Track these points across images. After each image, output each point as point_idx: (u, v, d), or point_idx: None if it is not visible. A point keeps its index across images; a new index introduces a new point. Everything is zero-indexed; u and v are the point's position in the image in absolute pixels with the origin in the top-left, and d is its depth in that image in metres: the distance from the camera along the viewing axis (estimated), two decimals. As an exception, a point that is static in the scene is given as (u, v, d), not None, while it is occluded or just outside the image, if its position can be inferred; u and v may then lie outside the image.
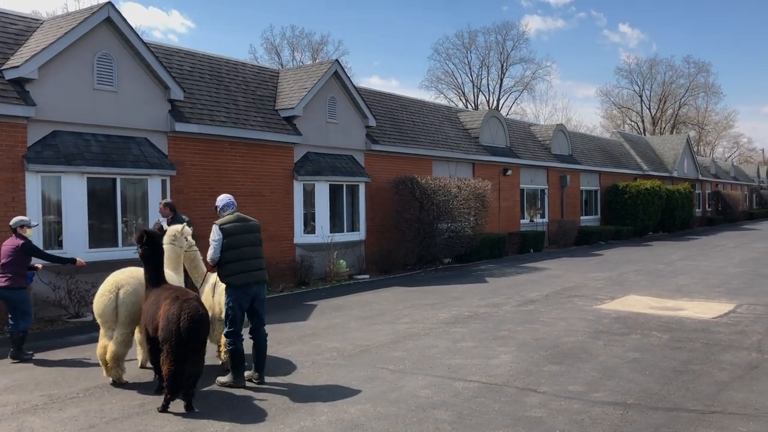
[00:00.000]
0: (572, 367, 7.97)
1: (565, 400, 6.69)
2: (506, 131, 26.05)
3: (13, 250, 8.75)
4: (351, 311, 12.13)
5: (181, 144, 13.92)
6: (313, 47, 58.45)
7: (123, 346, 7.32)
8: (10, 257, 8.73)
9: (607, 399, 6.71)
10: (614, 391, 6.98)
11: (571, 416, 6.20)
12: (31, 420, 6.25)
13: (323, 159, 17.22)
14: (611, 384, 7.22)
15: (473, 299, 13.38)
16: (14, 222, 9.04)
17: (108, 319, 7.36)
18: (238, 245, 7.26)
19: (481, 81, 63.74)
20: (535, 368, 7.91)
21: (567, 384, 7.23)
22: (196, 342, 6.31)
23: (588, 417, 6.17)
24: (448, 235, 19.26)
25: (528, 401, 6.65)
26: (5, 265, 8.70)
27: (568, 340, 9.41)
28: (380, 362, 8.27)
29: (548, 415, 6.22)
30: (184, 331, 6.23)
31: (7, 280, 8.66)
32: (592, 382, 7.29)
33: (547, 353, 8.67)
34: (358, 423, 6.04)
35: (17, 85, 11.34)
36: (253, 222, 7.64)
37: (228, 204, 7.73)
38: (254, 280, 7.34)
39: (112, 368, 7.31)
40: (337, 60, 18.08)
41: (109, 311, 7.32)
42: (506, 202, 25.33)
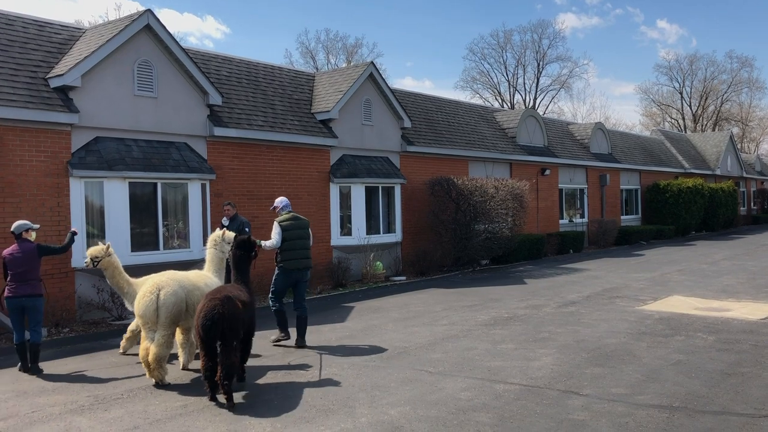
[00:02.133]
0: (615, 369, 7.82)
1: (609, 402, 6.56)
2: (544, 130, 25.77)
3: (30, 256, 8.39)
4: (388, 313, 12.12)
5: (220, 148, 14.09)
6: (348, 50, 58.71)
7: (164, 347, 7.47)
8: (28, 264, 8.34)
9: (652, 402, 6.56)
10: (659, 393, 6.82)
11: (615, 419, 6.07)
12: (78, 420, 6.38)
13: (359, 161, 17.25)
14: (656, 387, 7.07)
15: (512, 301, 13.25)
16: (18, 227, 8.58)
17: (149, 320, 7.53)
18: (291, 238, 9.34)
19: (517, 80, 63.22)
20: (577, 370, 7.78)
21: (610, 386, 7.10)
22: (212, 338, 6.68)
23: (632, 420, 6.04)
24: (486, 236, 19.12)
25: (570, 404, 6.54)
26: (25, 273, 8.32)
27: (610, 342, 9.24)
28: (419, 364, 8.24)
29: (591, 418, 6.11)
30: (201, 327, 6.71)
31: (33, 288, 8.37)
32: (635, 385, 7.14)
33: (589, 355, 8.53)
34: (399, 425, 6.02)
35: (61, 93, 11.63)
36: (304, 220, 9.65)
37: (285, 205, 9.82)
38: (301, 267, 9.42)
39: (155, 369, 7.45)
40: (372, 62, 18.12)
41: (150, 312, 7.50)
42: (544, 203, 25.05)
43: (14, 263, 8.31)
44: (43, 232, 11.20)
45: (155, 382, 7.52)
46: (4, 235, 10.73)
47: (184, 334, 8.16)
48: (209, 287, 8.06)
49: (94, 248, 8.82)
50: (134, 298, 8.77)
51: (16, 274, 8.29)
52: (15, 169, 10.93)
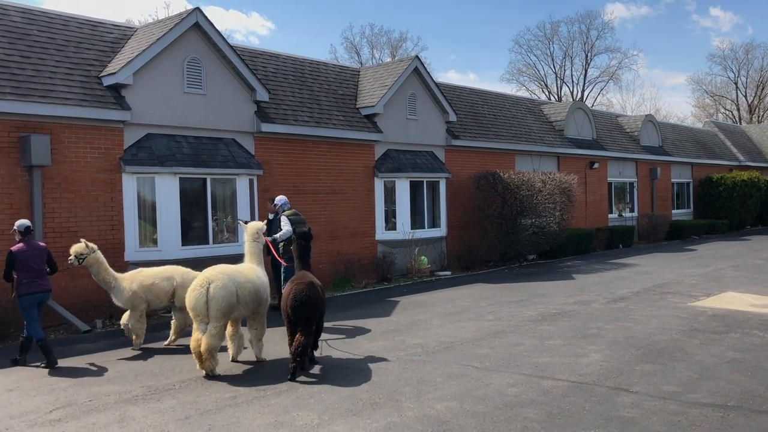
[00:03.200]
0: (666, 366, 7.65)
1: (660, 400, 6.43)
2: (592, 123, 25.32)
3: (42, 253, 8.60)
4: (434, 308, 12.11)
5: (267, 144, 14.27)
6: (392, 44, 58.66)
7: (216, 338, 7.64)
8: (42, 260, 8.57)
9: (706, 400, 6.40)
10: (713, 392, 6.65)
11: (667, 417, 5.95)
12: (132, 410, 6.57)
13: (403, 155, 17.25)
14: (709, 385, 6.89)
15: (560, 296, 13.08)
16: (25, 225, 8.65)
17: (200, 313, 7.71)
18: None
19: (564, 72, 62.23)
20: (627, 367, 7.64)
21: (661, 384, 6.95)
22: (300, 318, 7.50)
23: (685, 419, 5.91)
24: (533, 230, 18.90)
25: (620, 401, 6.43)
26: (41, 269, 8.55)
27: (662, 339, 9.04)
28: (465, 359, 8.21)
29: (642, 416, 5.99)
30: (290, 308, 7.53)
31: (48, 283, 8.65)
32: (688, 383, 6.97)
33: (639, 352, 8.36)
34: (445, 420, 6.01)
35: (114, 91, 11.93)
36: (302, 216, 11.27)
37: (285, 203, 11.51)
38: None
39: (206, 360, 7.63)
40: (417, 56, 18.07)
41: (201, 305, 7.68)
42: (593, 197, 24.62)
43: (31, 258, 8.46)
44: (97, 228, 11.54)
45: (205, 373, 7.68)
46: (60, 229, 11.09)
47: (234, 327, 8.32)
48: (261, 279, 8.35)
49: (77, 246, 9.14)
50: (121, 292, 9.17)
51: (34, 269, 8.48)
52: (70, 166, 11.27)
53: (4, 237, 10.33)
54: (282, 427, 5.93)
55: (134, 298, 9.20)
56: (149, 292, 9.28)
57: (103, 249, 11.53)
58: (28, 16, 12.24)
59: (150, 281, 9.32)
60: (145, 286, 9.26)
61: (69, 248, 11.11)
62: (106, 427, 6.05)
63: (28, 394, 7.22)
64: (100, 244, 11.48)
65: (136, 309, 9.25)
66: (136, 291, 9.20)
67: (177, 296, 9.41)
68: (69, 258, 9.13)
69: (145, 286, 9.26)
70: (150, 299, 9.32)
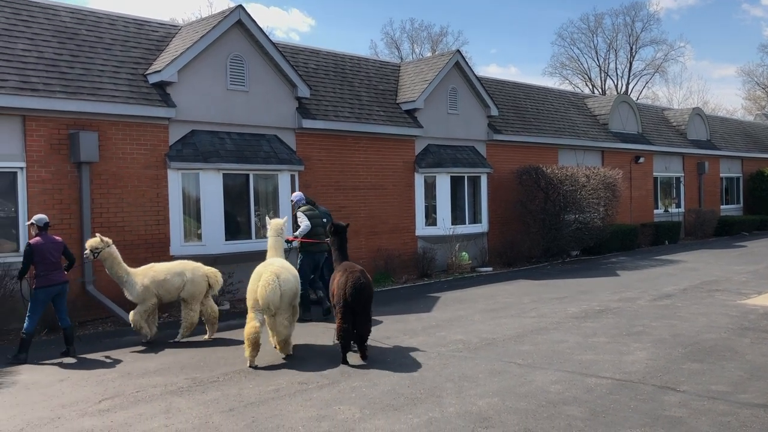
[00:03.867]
0: (715, 365, 7.46)
1: (708, 400, 6.27)
2: (637, 116, 24.81)
3: (59, 246, 8.81)
4: (475, 304, 12.03)
5: (308, 140, 14.36)
6: (433, 39, 58.38)
7: (288, 328, 8.25)
8: (59, 253, 8.78)
9: (757, 401, 6.21)
10: (764, 392, 6.45)
11: (716, 418, 5.80)
12: (177, 401, 6.69)
13: (444, 151, 17.16)
14: (761, 385, 6.69)
15: (604, 293, 12.86)
16: (44, 220, 8.83)
17: (272, 305, 7.98)
18: (313, 225, 11.01)
19: (608, 65, 61.06)
20: (674, 366, 7.47)
21: (710, 383, 6.78)
22: (358, 304, 7.83)
23: (735, 419, 5.74)
24: (576, 226, 18.63)
25: (667, 400, 6.29)
26: (58, 262, 8.77)
27: (710, 337, 8.82)
28: (507, 356, 8.14)
29: (690, 416, 5.85)
30: (348, 296, 7.81)
31: (64, 275, 8.86)
32: (738, 383, 6.78)
33: (687, 350, 8.17)
34: (487, 416, 5.97)
35: (159, 89, 12.16)
36: (321, 210, 11.48)
37: (300, 198, 11.53)
38: (323, 249, 11.03)
39: (283, 348, 8.27)
40: (458, 50, 17.95)
41: (276, 298, 7.98)
42: (638, 192, 24.15)
43: (48, 251, 8.64)
44: (144, 222, 11.79)
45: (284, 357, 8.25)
46: (108, 224, 11.36)
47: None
48: (295, 273, 8.58)
49: (92, 240, 9.30)
50: (133, 286, 9.29)
51: (51, 262, 8.66)
52: (118, 162, 11.53)
53: (55, 231, 10.63)
54: (324, 421, 5.97)
55: (145, 293, 9.32)
56: (161, 287, 9.38)
57: (150, 243, 11.82)
58: (77, 16, 12.55)
59: (162, 276, 9.41)
60: (157, 282, 9.36)
61: (117, 243, 11.41)
62: (153, 418, 6.18)
63: (77, 384, 7.43)
64: (147, 239, 11.78)
65: (146, 303, 9.35)
66: (147, 286, 9.31)
67: (186, 291, 9.49)
68: (84, 252, 9.32)
69: (157, 281, 9.37)
70: (161, 294, 9.43)
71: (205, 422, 6.03)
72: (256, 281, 8.20)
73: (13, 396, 7.04)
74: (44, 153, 10.76)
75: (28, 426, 6.06)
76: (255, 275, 8.40)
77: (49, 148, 10.80)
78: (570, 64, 62.68)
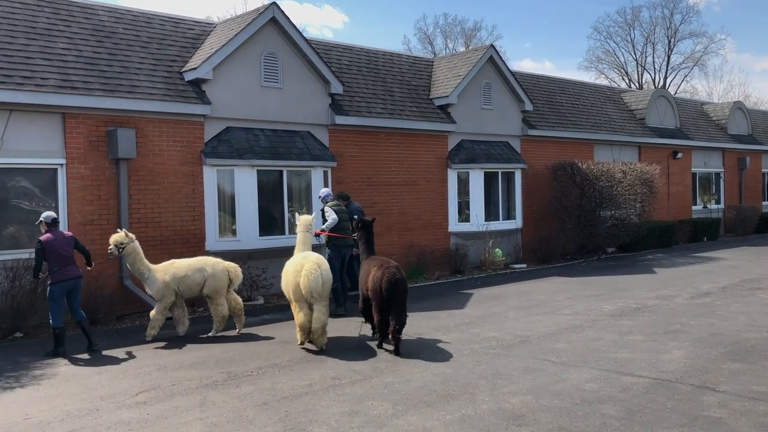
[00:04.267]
0: (756, 365, 7.28)
1: (749, 401, 6.12)
2: (676, 111, 24.33)
3: (70, 241, 8.91)
4: (508, 301, 11.94)
5: (341, 136, 14.40)
6: (466, 34, 57.99)
7: (326, 316, 8.45)
8: (70, 247, 8.86)
9: (800, 403, 6.04)
10: (808, 394, 6.28)
11: (757, 419, 5.65)
12: (212, 395, 6.78)
13: (477, 146, 17.05)
14: (804, 386, 6.51)
15: (640, 291, 12.66)
16: (52, 217, 8.94)
17: (316, 293, 8.30)
18: (339, 219, 11.18)
19: (645, 59, 59.95)
20: (713, 365, 7.32)
21: (750, 384, 6.61)
22: (393, 298, 8.12)
23: (777, 421, 5.60)
24: (612, 222, 18.36)
25: (705, 400, 6.16)
26: (71, 257, 8.89)
27: (751, 336, 8.61)
28: (541, 353, 8.06)
29: (729, 416, 5.72)
30: (385, 290, 8.11)
31: (78, 269, 8.96)
32: (781, 383, 6.61)
33: (726, 349, 7.99)
34: (520, 414, 5.92)
35: (195, 86, 12.30)
36: (354, 206, 12.10)
37: (328, 194, 11.70)
38: (349, 243, 11.25)
39: (321, 335, 8.40)
40: (492, 45, 17.80)
41: (319, 286, 8.32)
42: (676, 187, 23.69)
43: (60, 246, 8.74)
44: (180, 218, 11.95)
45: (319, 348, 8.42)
46: (145, 219, 11.55)
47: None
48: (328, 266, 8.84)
49: (116, 235, 9.36)
50: (154, 282, 9.36)
51: (64, 257, 8.76)
52: (154, 159, 11.70)
53: (94, 226, 10.85)
54: (356, 416, 5.98)
55: (165, 289, 9.40)
56: (182, 283, 9.46)
57: (186, 239, 11.99)
58: (114, 15, 12.77)
59: (182, 273, 9.48)
60: (178, 278, 9.44)
61: (154, 238, 11.61)
62: (188, 411, 6.27)
63: (115, 377, 7.57)
64: (183, 234, 11.95)
65: (164, 300, 9.43)
66: (168, 282, 9.40)
67: (207, 285, 9.57)
68: (109, 248, 9.38)
69: (178, 277, 9.44)
70: (182, 290, 9.52)
71: (239, 416, 6.09)
72: (295, 273, 8.51)
73: (53, 387, 7.21)
74: (83, 150, 10.97)
75: (68, 417, 6.20)
76: (290, 268, 8.73)
77: (88, 145, 11.01)
78: (606, 58, 61.67)
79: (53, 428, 5.92)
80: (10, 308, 9.73)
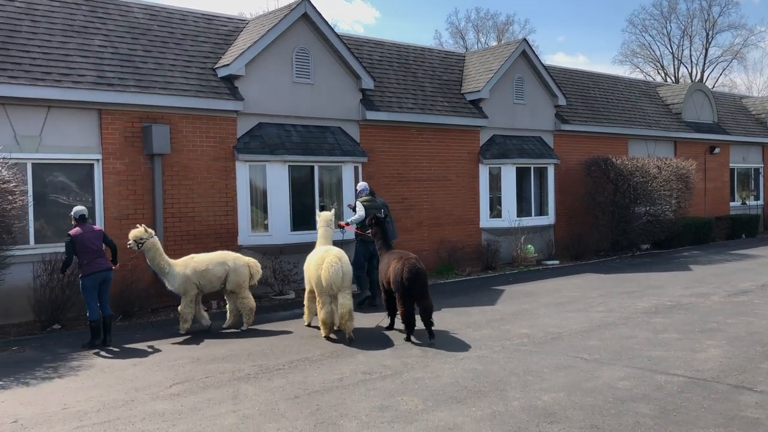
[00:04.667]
0: (796, 365, 7.10)
1: (789, 402, 5.97)
2: (713, 105, 23.82)
3: (99, 235, 9.10)
4: (540, 297, 11.84)
5: (372, 131, 14.41)
6: (499, 28, 57.51)
7: (350, 300, 8.80)
8: (100, 241, 9.08)
9: (842, 404, 5.88)
10: None
11: (797, 420, 5.52)
12: (245, 387, 6.85)
13: (509, 141, 16.92)
14: None
15: (675, 288, 12.44)
16: (80, 212, 9.11)
17: (336, 285, 8.62)
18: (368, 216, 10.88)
19: (682, 52, 58.76)
20: (750, 365, 7.16)
21: (790, 384, 6.46)
22: (415, 288, 8.45)
23: (818, 423, 5.46)
24: (647, 219, 18.07)
25: (742, 400, 6.03)
26: (100, 251, 9.05)
27: (791, 336, 8.40)
28: (573, 351, 7.98)
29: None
30: (406, 281, 8.41)
31: (107, 262, 9.11)
32: (822, 384, 6.44)
33: (765, 349, 7.81)
34: (552, 411, 5.87)
35: (228, 82, 12.42)
36: (379, 201, 11.76)
37: (364, 189, 11.86)
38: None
39: (349, 320, 8.71)
40: (525, 39, 17.63)
41: (339, 278, 8.64)
42: (713, 183, 23.22)
43: (89, 239, 8.91)
44: (213, 213, 12.09)
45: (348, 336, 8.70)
46: (179, 214, 11.71)
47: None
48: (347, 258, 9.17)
49: (136, 231, 9.42)
50: (174, 277, 9.43)
51: (93, 250, 8.92)
52: (188, 154, 11.85)
53: (129, 221, 11.03)
54: (387, 411, 5.99)
55: (187, 284, 9.46)
56: (202, 277, 9.52)
57: (219, 233, 12.13)
58: (149, 12, 12.94)
59: (203, 267, 9.54)
60: (199, 272, 9.50)
61: (187, 233, 11.77)
62: (221, 403, 6.35)
63: (150, 369, 7.70)
64: (216, 229, 12.09)
65: (188, 294, 9.50)
66: (189, 276, 9.46)
67: (229, 281, 9.63)
68: (128, 243, 9.47)
69: (199, 271, 9.50)
70: (203, 284, 9.57)
71: (271, 409, 6.15)
72: (317, 266, 8.88)
73: (90, 378, 7.36)
74: (119, 145, 11.16)
75: (104, 407, 6.32)
76: (312, 261, 9.16)
77: (123, 141, 11.20)
78: (641, 51, 60.60)
79: (90, 418, 6.04)
80: (49, 301, 9.96)
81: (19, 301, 10.19)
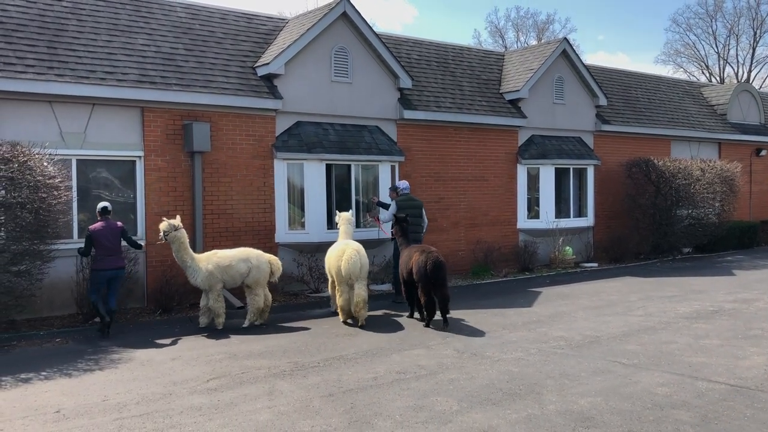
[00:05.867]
0: None
1: (837, 413, 5.78)
2: (760, 106, 23.20)
3: (117, 232, 9.42)
4: (578, 300, 11.68)
5: (409, 131, 14.39)
6: (539, 27, 56.89)
7: (366, 292, 9.63)
8: (116, 238, 9.38)
9: None
10: None
11: None
12: (280, 384, 6.91)
13: (549, 141, 16.72)
14: None
15: (718, 293, 12.15)
16: (101, 206, 9.52)
17: (353, 275, 9.47)
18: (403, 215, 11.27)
19: (728, 52, 57.33)
20: (797, 374, 6.95)
21: (839, 395, 6.25)
22: (437, 279, 9.29)
23: None
24: (689, 222, 17.69)
25: (788, 410, 5.86)
26: (114, 247, 9.35)
27: (840, 345, 8.13)
28: (611, 355, 7.85)
29: (815, 429, 5.42)
30: (429, 272, 9.26)
31: (120, 260, 9.47)
32: None
33: (812, 358, 7.57)
34: (589, 416, 5.78)
35: (267, 81, 12.54)
36: (417, 201, 11.75)
37: (406, 188, 11.91)
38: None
39: (363, 309, 9.53)
40: (565, 38, 17.39)
41: (356, 269, 9.48)
42: (759, 186, 22.62)
43: (104, 236, 9.25)
44: (251, 210, 12.22)
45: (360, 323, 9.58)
46: (218, 211, 11.86)
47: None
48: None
49: (164, 223, 9.66)
50: (196, 272, 9.60)
51: (107, 247, 9.24)
52: (227, 152, 12.00)
53: (170, 217, 11.18)
54: (421, 411, 5.97)
55: (210, 279, 9.59)
56: (225, 273, 9.66)
57: (256, 230, 12.26)
58: (191, 11, 13.14)
59: (227, 262, 9.68)
60: (222, 267, 9.64)
61: (226, 229, 11.93)
62: (257, 399, 6.41)
63: (188, 363, 7.81)
64: (254, 226, 12.21)
65: (213, 289, 9.64)
66: (212, 271, 9.59)
67: (251, 277, 9.75)
68: (159, 236, 9.82)
69: (222, 267, 9.64)
70: (225, 280, 9.72)
71: (306, 406, 6.19)
72: (337, 258, 9.73)
73: (130, 371, 7.50)
74: (160, 142, 11.36)
75: (143, 400, 6.44)
76: (333, 253, 9.98)
77: (165, 138, 11.39)
78: (685, 51, 59.29)
79: (129, 410, 6.16)
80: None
81: (62, 293, 10.44)
